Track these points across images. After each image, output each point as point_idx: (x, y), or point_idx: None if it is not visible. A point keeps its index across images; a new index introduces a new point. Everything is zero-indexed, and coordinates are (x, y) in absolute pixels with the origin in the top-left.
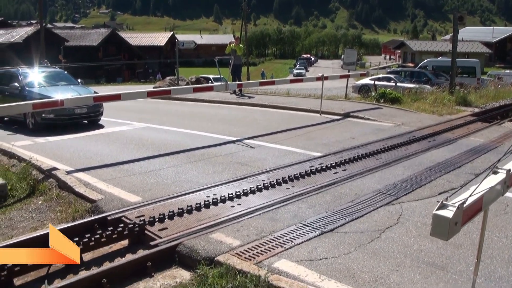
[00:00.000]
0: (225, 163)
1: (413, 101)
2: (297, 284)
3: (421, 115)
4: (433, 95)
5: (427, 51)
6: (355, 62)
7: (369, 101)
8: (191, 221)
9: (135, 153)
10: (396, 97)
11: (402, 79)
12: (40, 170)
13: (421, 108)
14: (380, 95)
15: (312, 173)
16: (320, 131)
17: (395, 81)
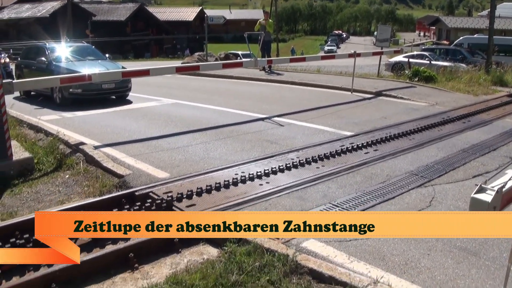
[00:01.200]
0: (253, 141)
1: (448, 80)
2: (325, 265)
3: (456, 95)
4: (468, 74)
5: (462, 28)
6: (388, 39)
7: (402, 80)
8: (219, 198)
9: (163, 129)
10: (430, 76)
11: (437, 57)
12: (67, 145)
13: (456, 88)
14: (413, 74)
15: (343, 152)
16: (351, 110)
17: (429, 59)
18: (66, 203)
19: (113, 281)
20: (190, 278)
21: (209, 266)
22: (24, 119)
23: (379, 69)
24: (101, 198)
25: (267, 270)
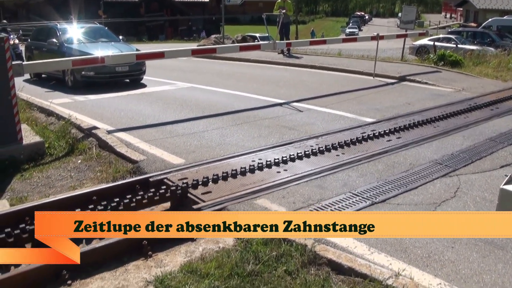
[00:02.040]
0: (271, 127)
1: (475, 64)
2: (345, 256)
3: (483, 80)
4: (497, 59)
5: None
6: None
7: (427, 64)
8: (236, 185)
9: (179, 113)
10: (456, 60)
11: (464, 40)
12: (79, 129)
13: (484, 73)
14: (439, 58)
15: (364, 140)
16: (373, 95)
17: (456, 42)
18: (78, 188)
19: (126, 268)
20: (205, 267)
21: (224, 255)
22: (34, 102)
23: (403, 52)
24: (114, 184)
25: (284, 260)
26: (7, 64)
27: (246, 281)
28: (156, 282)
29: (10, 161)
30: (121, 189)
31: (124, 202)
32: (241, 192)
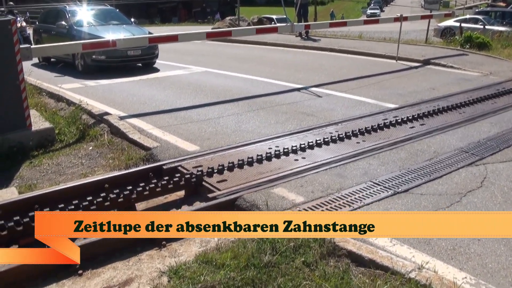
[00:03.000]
0: (289, 113)
1: (504, 47)
2: (365, 248)
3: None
4: None
5: None
6: (438, 1)
7: (452, 46)
8: (252, 173)
9: (193, 99)
10: (484, 42)
11: (492, 21)
12: (90, 115)
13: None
14: (465, 40)
15: (386, 126)
16: (395, 80)
17: (483, 23)
18: (89, 176)
19: (139, 258)
20: (221, 257)
21: (240, 245)
22: (43, 87)
23: (427, 34)
24: (126, 171)
25: (302, 251)
26: (15, 47)
27: (263, 272)
28: (170, 273)
29: (19, 147)
30: (134, 176)
31: (137, 190)
32: (258, 181)
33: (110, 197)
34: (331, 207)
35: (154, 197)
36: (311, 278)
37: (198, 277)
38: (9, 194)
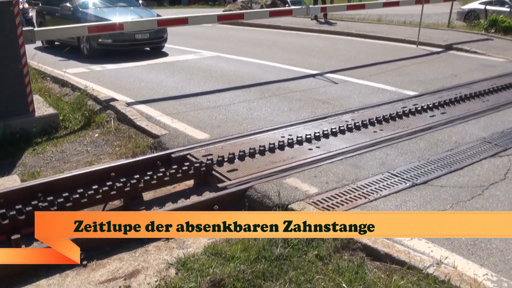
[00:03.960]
0: (303, 100)
1: None
2: (381, 241)
3: None
4: None
5: None
6: None
7: (476, 31)
8: (264, 163)
9: (203, 85)
10: (510, 26)
11: None
12: (96, 101)
13: None
14: (490, 23)
15: (405, 115)
16: (416, 66)
17: (510, 5)
18: (95, 164)
19: (146, 249)
20: (231, 250)
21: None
22: (47, 72)
23: (450, 18)
24: (134, 159)
25: (315, 244)
26: (17, 30)
27: (274, 265)
28: (178, 264)
29: (22, 134)
30: (141, 165)
31: (144, 179)
32: (270, 170)
33: (116, 186)
34: (346, 198)
35: (162, 186)
36: (324, 272)
37: (207, 270)
38: (11, 182)
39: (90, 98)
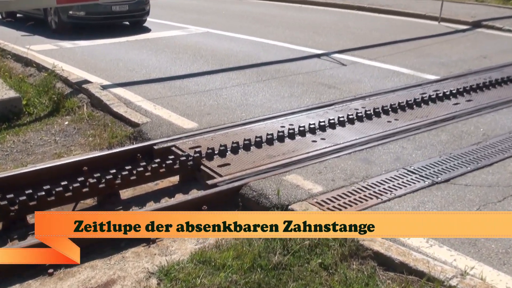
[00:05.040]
0: (306, 84)
1: None
2: (396, 248)
3: None
4: None
5: None
6: None
7: (511, 5)
8: (260, 157)
9: (191, 66)
10: None
11: None
12: (66, 83)
13: None
14: None
15: (424, 102)
16: (437, 46)
17: None
18: (64, 156)
19: (123, 256)
20: (221, 257)
21: (245, 242)
22: (8, 49)
23: None
24: (110, 151)
25: (319, 251)
26: None
27: (271, 275)
28: (160, 274)
29: None
30: (118, 158)
31: (122, 174)
32: (267, 166)
33: (89, 182)
34: (355, 199)
35: (143, 183)
36: (330, 283)
37: (193, 280)
38: None
39: (59, 79)
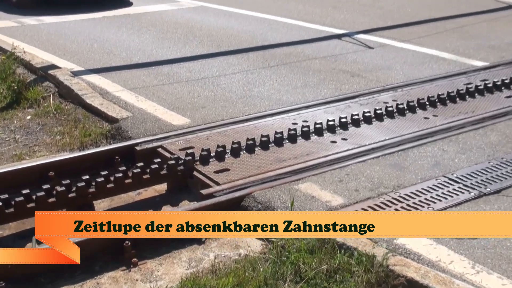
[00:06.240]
0: (323, 72)
1: None
2: (434, 275)
3: None
4: None
5: None
6: None
7: None
8: (267, 160)
9: (182, 48)
10: None
11: None
12: (29, 68)
13: None
14: None
15: (469, 94)
16: (486, 25)
17: None
18: (26, 159)
19: (97, 282)
20: (219, 285)
21: (247, 266)
22: None
23: None
24: (82, 153)
25: (339, 277)
26: None
27: None
28: None
29: None
30: (92, 161)
31: (97, 181)
32: (276, 172)
33: (56, 190)
34: None
35: (122, 192)
36: None
37: None
38: None
39: (19, 64)
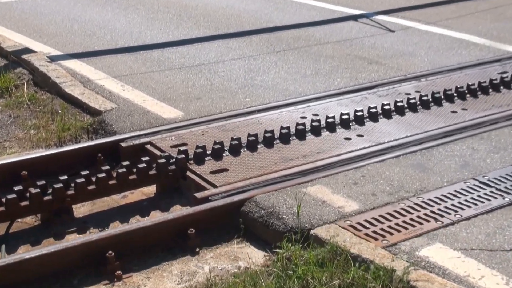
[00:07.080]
0: (337, 58)
1: None
2: None
3: None
4: None
5: None
6: None
7: None
8: (271, 159)
9: (174, 30)
10: None
11: None
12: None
13: None
14: None
15: (504, 85)
16: None
17: None
18: None
19: None
20: None
21: (248, 281)
22: None
23: None
24: (59, 150)
25: None
26: None
27: None
28: None
29: None
30: (71, 159)
31: (76, 182)
32: (281, 173)
33: (30, 192)
34: (404, 221)
35: (105, 195)
36: None
37: None
38: None
39: None
